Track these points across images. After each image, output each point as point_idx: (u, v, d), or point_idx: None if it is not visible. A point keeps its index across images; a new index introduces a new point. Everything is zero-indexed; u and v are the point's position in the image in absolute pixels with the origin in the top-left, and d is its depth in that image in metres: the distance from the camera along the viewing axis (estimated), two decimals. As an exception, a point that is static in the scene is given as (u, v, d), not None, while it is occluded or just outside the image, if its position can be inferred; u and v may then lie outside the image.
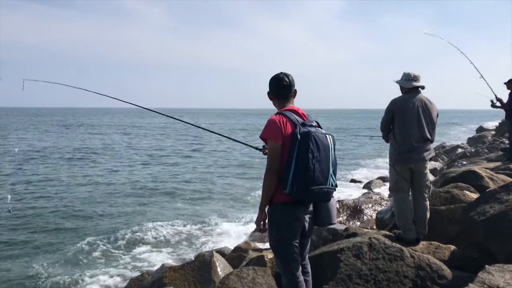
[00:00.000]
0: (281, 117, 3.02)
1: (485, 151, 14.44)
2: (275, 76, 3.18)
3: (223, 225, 11.04)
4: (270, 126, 3.00)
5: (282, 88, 3.15)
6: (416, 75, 4.63)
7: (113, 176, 18.67)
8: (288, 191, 2.87)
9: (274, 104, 3.24)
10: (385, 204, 8.79)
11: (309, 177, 2.82)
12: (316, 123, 3.08)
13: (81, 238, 9.84)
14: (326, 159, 2.91)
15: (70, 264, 8.45)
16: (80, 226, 11.01)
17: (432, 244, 4.45)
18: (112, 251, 9.18)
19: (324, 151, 2.90)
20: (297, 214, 3.00)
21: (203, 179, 18.07)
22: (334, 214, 3.18)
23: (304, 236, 3.12)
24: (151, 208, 13.14)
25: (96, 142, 35.50)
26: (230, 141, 33.19)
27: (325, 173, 2.90)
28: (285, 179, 2.89)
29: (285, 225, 2.99)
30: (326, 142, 2.94)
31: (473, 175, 6.30)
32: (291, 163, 2.87)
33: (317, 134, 2.91)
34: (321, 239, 5.12)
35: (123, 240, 9.88)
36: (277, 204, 2.99)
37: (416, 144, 4.47)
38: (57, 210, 12.48)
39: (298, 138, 2.87)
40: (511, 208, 3.79)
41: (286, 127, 2.96)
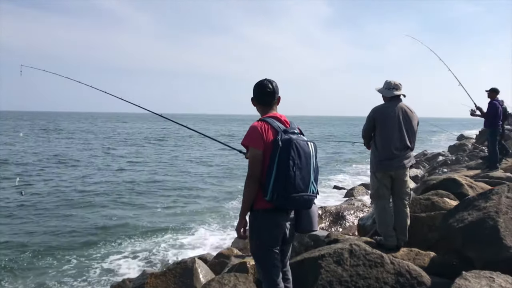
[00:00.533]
0: (263, 124, 3.01)
1: (466, 159, 14.69)
2: (259, 83, 3.18)
3: (205, 231, 10.99)
4: (252, 133, 3.00)
5: (266, 95, 3.15)
6: (397, 84, 4.70)
7: (90, 181, 18.36)
8: (269, 198, 2.87)
9: (258, 110, 3.24)
10: (367, 210, 8.85)
11: (290, 184, 2.83)
12: (299, 130, 3.10)
13: (57, 247, 9.61)
14: (307, 166, 2.93)
15: (46, 275, 8.20)
16: (55, 233, 10.74)
17: (412, 250, 4.50)
18: (92, 258, 9.04)
19: (305, 158, 2.91)
20: (278, 221, 3.00)
21: (185, 185, 17.92)
22: (315, 221, 3.19)
23: (285, 243, 3.12)
24: (131, 213, 12.97)
25: (72, 147, 34.70)
26: (212, 147, 33.10)
27: (306, 180, 2.91)
28: (266, 186, 2.89)
29: (266, 232, 2.99)
30: (307, 149, 2.95)
31: (453, 183, 6.40)
32: (272, 170, 2.87)
33: (299, 141, 2.91)
34: (302, 245, 5.13)
35: (104, 246, 9.77)
36: (258, 211, 2.99)
37: (396, 151, 4.52)
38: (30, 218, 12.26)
39: (280, 145, 2.87)
40: (488, 215, 3.86)
41: (267, 134, 2.96)
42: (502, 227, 3.67)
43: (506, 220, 3.74)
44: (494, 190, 4.31)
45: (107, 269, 8.43)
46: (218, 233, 10.83)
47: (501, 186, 4.37)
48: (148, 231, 11.01)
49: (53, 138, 44.66)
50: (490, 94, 9.45)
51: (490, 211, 3.89)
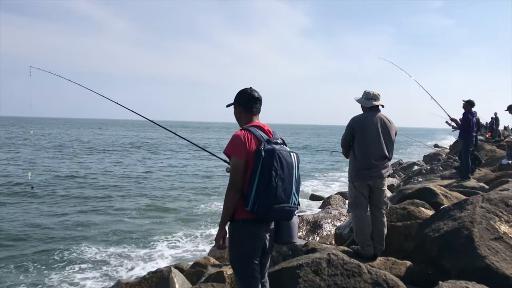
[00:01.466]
0: (246, 133, 2.96)
1: (440, 169, 14.94)
2: (246, 90, 3.13)
3: (181, 239, 10.87)
4: (234, 142, 2.94)
5: (254, 102, 3.11)
6: (376, 94, 4.75)
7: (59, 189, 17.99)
8: (250, 209, 2.83)
9: (240, 118, 3.16)
10: (344, 219, 8.90)
11: (272, 195, 2.80)
12: (281, 140, 3.07)
13: (19, 256, 9.37)
14: (289, 177, 2.90)
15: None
16: (16, 239, 10.50)
17: (389, 259, 4.52)
18: (55, 267, 8.83)
19: (288, 169, 2.89)
20: (258, 231, 2.96)
21: (163, 193, 17.74)
22: (295, 232, 3.17)
23: (264, 254, 3.09)
24: (107, 222, 12.75)
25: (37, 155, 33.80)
26: (187, 154, 32.78)
27: (287, 192, 2.89)
28: (247, 196, 2.84)
29: (246, 243, 2.95)
30: (290, 160, 2.93)
31: (428, 192, 6.48)
32: (254, 180, 2.83)
33: (282, 152, 2.89)
34: (280, 254, 5.11)
35: (79, 256, 9.55)
36: (238, 221, 2.94)
37: (374, 161, 4.55)
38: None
39: (262, 155, 2.83)
40: (463, 225, 3.91)
41: (250, 143, 2.92)
42: (477, 236, 3.72)
43: (481, 230, 3.80)
44: (469, 200, 4.38)
45: (82, 278, 8.24)
46: (195, 241, 10.73)
47: (476, 196, 4.45)
48: (125, 238, 10.83)
49: (20, 144, 43.21)
50: (465, 105, 9.68)
51: (465, 221, 3.95)
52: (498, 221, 3.94)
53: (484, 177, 10.31)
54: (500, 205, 4.13)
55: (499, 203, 4.16)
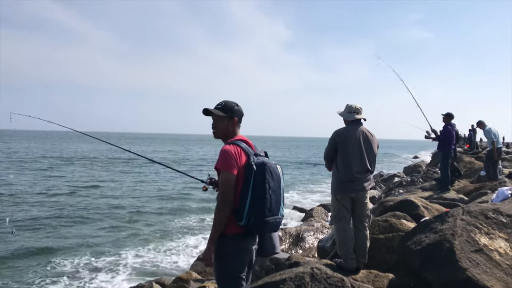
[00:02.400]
0: (235, 147, 2.93)
1: (420, 180, 15.11)
2: (237, 104, 3.11)
3: (162, 254, 10.71)
4: (225, 157, 2.88)
5: (241, 116, 3.13)
6: (358, 108, 4.79)
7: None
8: (244, 223, 2.80)
9: (230, 130, 3.08)
10: (326, 232, 8.90)
11: (266, 208, 2.80)
12: (264, 153, 3.08)
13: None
14: (278, 189, 2.92)
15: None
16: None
17: (371, 272, 4.53)
18: (40, 282, 8.61)
19: (277, 181, 2.91)
20: (247, 246, 2.94)
21: (142, 206, 17.49)
22: (278, 243, 3.16)
23: (249, 268, 3.06)
24: (85, 236, 12.52)
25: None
26: (166, 172, 32.37)
27: (278, 203, 2.90)
28: (240, 210, 2.81)
29: (235, 258, 2.91)
30: (277, 172, 2.94)
31: (409, 204, 6.54)
32: (247, 194, 2.80)
33: (271, 164, 2.90)
34: (263, 268, 5.06)
35: (53, 270, 9.33)
36: (227, 236, 2.88)
37: (357, 174, 4.58)
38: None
39: (254, 169, 2.83)
40: (445, 237, 3.94)
41: (240, 157, 2.90)
42: (458, 249, 3.75)
43: (462, 242, 3.83)
44: (450, 212, 4.42)
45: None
46: (177, 255, 10.59)
47: (457, 209, 4.49)
48: (106, 253, 10.62)
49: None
50: (445, 119, 9.82)
51: (446, 234, 3.97)
52: (478, 233, 3.98)
53: (463, 188, 10.47)
54: (480, 218, 4.18)
55: (479, 215, 4.20)
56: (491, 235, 4.02)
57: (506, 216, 4.27)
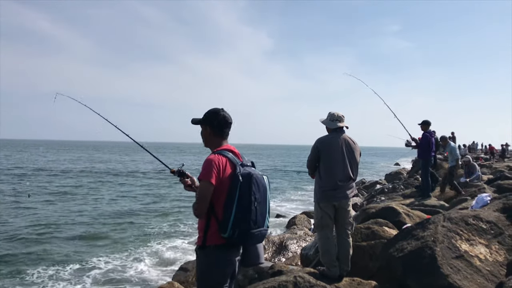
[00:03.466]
0: (219, 157, 2.88)
1: (401, 187, 15.27)
2: (217, 112, 3.01)
3: (144, 263, 10.53)
4: (206, 166, 2.83)
5: (225, 127, 3.02)
6: (340, 116, 4.82)
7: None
8: (228, 235, 2.74)
9: (208, 139, 3.05)
10: (309, 239, 8.90)
11: (251, 220, 2.75)
12: (251, 163, 3.03)
13: None
14: (264, 201, 2.87)
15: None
16: None
17: (354, 280, 4.52)
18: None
19: (263, 192, 2.86)
20: (231, 257, 2.88)
21: (116, 215, 17.22)
22: (262, 254, 3.12)
23: (232, 279, 3.01)
24: (56, 245, 12.28)
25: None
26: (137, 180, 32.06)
27: (263, 215, 2.86)
28: (224, 222, 2.75)
29: (218, 270, 2.86)
30: (263, 183, 2.89)
31: (391, 211, 6.58)
32: (232, 206, 2.74)
33: (257, 175, 2.85)
34: (246, 277, 5.02)
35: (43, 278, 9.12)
36: (210, 247, 2.83)
37: (340, 182, 4.58)
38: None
39: (240, 180, 2.77)
40: (426, 244, 3.97)
41: (225, 167, 2.84)
42: (439, 255, 3.78)
43: (443, 249, 3.86)
44: (431, 219, 4.46)
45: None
46: (158, 265, 10.43)
47: (437, 216, 4.54)
48: (84, 263, 10.41)
49: None
50: (422, 127, 9.95)
51: (427, 240, 4.01)
52: (459, 240, 4.02)
53: (444, 195, 10.60)
54: (460, 224, 4.23)
55: (459, 222, 4.25)
56: (471, 241, 4.07)
57: (486, 222, 4.34)
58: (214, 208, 2.82)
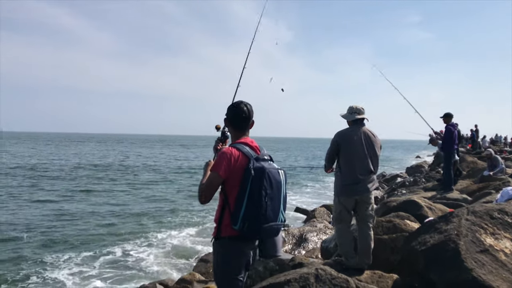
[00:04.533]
0: (233, 150, 2.91)
1: (423, 181, 15.08)
2: (235, 106, 3.06)
3: (165, 254, 10.68)
4: (218, 158, 2.90)
5: (241, 120, 3.05)
6: (360, 108, 4.76)
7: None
8: (238, 228, 2.78)
9: (229, 132, 3.15)
10: (329, 232, 8.87)
11: (261, 215, 2.76)
12: (269, 157, 3.03)
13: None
14: (278, 196, 2.86)
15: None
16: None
17: (375, 273, 4.50)
18: (50, 280, 8.61)
19: (276, 187, 2.85)
20: (244, 249, 2.93)
21: (146, 206, 17.53)
22: (280, 246, 3.14)
23: (246, 270, 3.06)
24: (89, 233, 12.57)
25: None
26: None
27: (276, 210, 2.85)
28: (235, 214, 2.79)
29: (232, 260, 2.91)
30: (278, 178, 2.89)
31: (413, 205, 6.51)
32: (243, 199, 2.77)
33: (271, 170, 2.85)
34: (267, 269, 5.04)
35: (60, 267, 9.34)
36: (224, 238, 2.89)
37: (361, 176, 4.55)
38: None
39: (252, 174, 2.78)
40: (449, 238, 3.92)
41: (238, 160, 2.87)
42: (463, 249, 3.73)
43: (467, 243, 3.80)
44: (454, 213, 4.40)
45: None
46: (180, 256, 10.56)
47: (461, 209, 4.47)
48: (107, 251, 10.63)
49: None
50: (445, 119, 9.78)
51: (451, 234, 3.95)
52: (483, 234, 3.96)
53: (467, 188, 10.43)
54: (485, 218, 4.15)
55: (484, 215, 4.18)
56: (496, 235, 4.00)
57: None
58: (228, 200, 2.87)
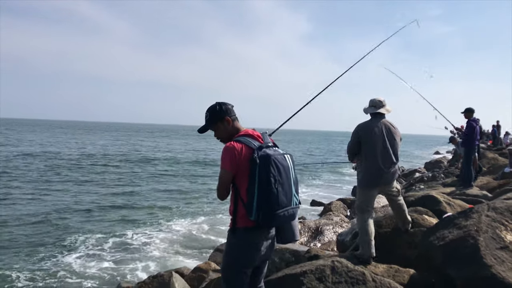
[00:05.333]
0: (235, 144, 2.92)
1: (442, 176, 14.90)
2: (216, 106, 3.06)
3: (182, 243, 10.81)
4: (223, 154, 2.91)
5: (232, 111, 3.09)
6: (381, 100, 4.79)
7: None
8: (254, 218, 2.80)
9: (228, 130, 3.07)
10: (345, 226, 8.85)
11: (274, 202, 2.77)
12: (272, 143, 3.05)
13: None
14: (288, 180, 2.87)
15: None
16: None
17: (392, 267, 4.49)
18: (66, 266, 8.80)
19: (285, 172, 2.85)
20: (259, 240, 2.94)
21: (170, 196, 17.73)
22: (297, 231, 3.17)
23: (263, 261, 3.09)
24: (103, 221, 12.84)
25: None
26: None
27: (288, 195, 2.86)
28: (249, 206, 2.81)
29: (243, 253, 2.93)
30: (285, 163, 2.89)
31: (431, 200, 6.44)
32: (253, 189, 2.79)
33: (276, 156, 2.85)
34: (283, 260, 5.07)
35: (78, 252, 9.54)
36: (240, 230, 2.91)
37: (383, 167, 4.61)
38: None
39: (257, 163, 2.79)
40: (469, 233, 3.87)
41: (242, 153, 2.87)
42: (483, 245, 3.68)
43: (486, 239, 3.76)
44: (474, 208, 4.34)
45: (81, 279, 8.20)
46: (195, 245, 10.67)
47: (481, 205, 4.41)
48: (124, 238, 10.79)
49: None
50: (466, 115, 9.63)
51: (470, 230, 3.90)
52: (504, 230, 3.90)
53: (487, 185, 10.27)
54: (505, 214, 4.09)
55: (504, 212, 4.12)
56: (517, 232, 3.93)
57: (533, 213, 4.17)
58: (240, 193, 2.89)
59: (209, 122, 3.08)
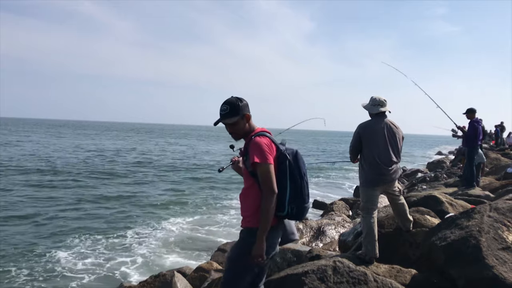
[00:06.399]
0: (266, 139, 2.92)
1: (444, 176, 14.89)
2: (241, 99, 2.99)
3: (184, 243, 10.82)
4: (262, 149, 2.84)
5: (248, 106, 3.09)
6: (383, 100, 4.77)
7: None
8: (286, 212, 2.85)
9: (244, 128, 3.00)
10: (348, 226, 8.85)
11: (304, 195, 2.88)
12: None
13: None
14: (307, 175, 2.99)
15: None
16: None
17: (393, 267, 4.48)
18: (68, 265, 8.82)
19: (305, 167, 2.98)
20: (274, 240, 2.94)
21: (173, 194, 17.77)
22: (295, 230, 3.25)
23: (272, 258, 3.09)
24: (106, 220, 12.86)
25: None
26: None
27: (308, 190, 2.95)
28: (281, 201, 2.83)
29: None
30: (303, 159, 3.00)
31: (434, 200, 6.43)
32: (285, 184, 2.84)
33: (299, 152, 2.97)
34: (285, 260, 5.07)
35: (78, 252, 9.55)
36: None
37: (384, 166, 4.61)
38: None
39: (288, 158, 2.87)
40: (471, 234, 3.87)
41: (271, 148, 2.90)
42: (484, 246, 3.68)
43: (488, 240, 3.76)
44: (476, 209, 4.34)
45: (84, 276, 8.22)
46: (197, 245, 10.68)
47: (483, 205, 4.40)
48: (125, 238, 10.81)
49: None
50: (468, 115, 9.61)
51: (472, 230, 3.91)
52: (506, 231, 3.89)
53: (489, 185, 10.26)
54: (508, 215, 4.09)
55: (507, 212, 4.11)
56: (519, 232, 3.93)
57: (536, 214, 4.17)
58: None
59: (231, 116, 2.94)
